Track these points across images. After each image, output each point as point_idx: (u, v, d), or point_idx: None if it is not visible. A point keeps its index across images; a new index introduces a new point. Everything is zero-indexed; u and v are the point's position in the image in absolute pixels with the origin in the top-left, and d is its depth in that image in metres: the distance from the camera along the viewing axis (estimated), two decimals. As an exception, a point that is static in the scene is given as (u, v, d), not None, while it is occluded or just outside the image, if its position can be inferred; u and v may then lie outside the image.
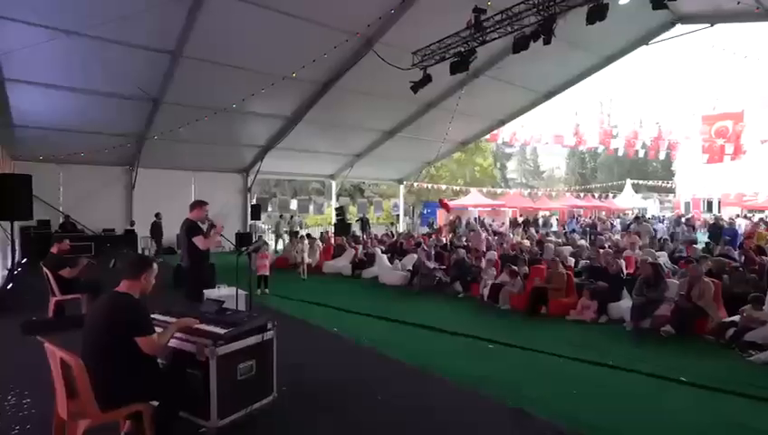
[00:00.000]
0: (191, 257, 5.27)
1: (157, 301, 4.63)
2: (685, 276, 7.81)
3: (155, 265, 2.97)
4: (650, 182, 40.77)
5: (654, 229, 17.17)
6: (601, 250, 10.36)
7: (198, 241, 5.18)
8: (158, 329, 3.04)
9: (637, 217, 13.57)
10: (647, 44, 14.73)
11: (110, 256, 8.87)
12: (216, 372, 2.84)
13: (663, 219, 20.07)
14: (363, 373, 4.84)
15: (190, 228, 5.21)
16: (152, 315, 3.33)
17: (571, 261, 10.46)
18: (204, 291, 6.03)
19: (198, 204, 5.35)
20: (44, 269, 6.19)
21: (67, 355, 2.30)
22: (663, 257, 10.34)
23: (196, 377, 2.90)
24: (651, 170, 54.96)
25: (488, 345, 6.01)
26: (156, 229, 15.62)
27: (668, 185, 39.85)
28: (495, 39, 9.58)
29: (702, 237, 15.66)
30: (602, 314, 7.29)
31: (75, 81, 11.33)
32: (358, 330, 6.73)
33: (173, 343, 2.99)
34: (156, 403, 2.69)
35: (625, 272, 8.60)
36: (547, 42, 8.34)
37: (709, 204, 34.22)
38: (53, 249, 6.38)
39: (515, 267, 8.75)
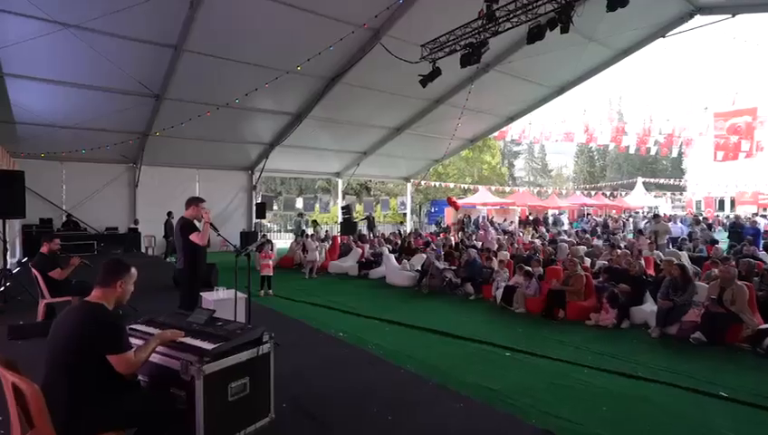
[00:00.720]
0: (187, 258, 4.92)
1: (156, 303, 4.30)
2: (709, 279, 7.40)
3: (133, 271, 2.59)
4: (662, 180, 40.07)
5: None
6: (619, 250, 9.95)
7: (195, 237, 4.82)
8: (138, 342, 2.69)
9: (656, 216, 13.03)
10: (663, 37, 14.20)
11: (107, 255, 8.56)
12: (204, 393, 2.46)
13: (675, 218, 19.53)
14: (369, 384, 4.44)
15: (185, 227, 4.86)
16: (134, 326, 2.98)
17: (587, 262, 10.03)
18: (201, 294, 5.70)
19: (194, 201, 4.99)
20: (33, 271, 5.87)
21: (20, 380, 1.95)
22: (684, 258, 9.88)
23: (180, 398, 2.53)
24: (661, 168, 54.26)
25: (504, 353, 5.60)
26: (168, 228, 15.38)
27: (679, 183, 39.13)
28: (509, 29, 9.14)
29: (717, 237, 15.11)
30: (624, 318, 6.86)
31: (76, 76, 11.08)
32: (365, 335, 6.36)
33: (155, 358, 2.62)
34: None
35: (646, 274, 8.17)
36: (564, 30, 7.92)
37: (720, 202, 33.53)
38: (43, 249, 6.05)
39: (530, 268, 8.35)
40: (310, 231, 17.48)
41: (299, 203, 23.09)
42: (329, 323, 6.98)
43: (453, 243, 13.95)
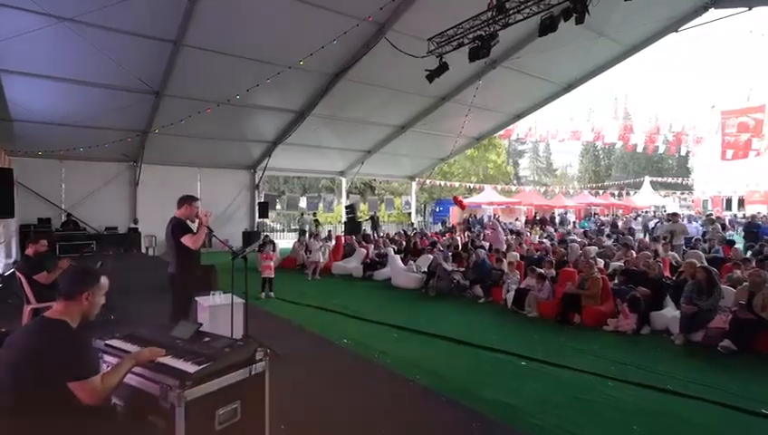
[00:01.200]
0: (179, 261, 4.57)
1: (154, 307, 3.94)
2: (731, 281, 7.02)
3: (103, 281, 2.24)
4: (670, 180, 39.54)
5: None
6: (633, 251, 9.58)
7: (188, 240, 4.46)
8: (112, 359, 2.35)
9: (674, 214, 12.60)
10: (676, 31, 13.78)
11: (98, 257, 8.25)
12: (185, 422, 2.12)
13: (691, 218, 19.10)
14: (377, 400, 4.10)
15: (176, 227, 4.50)
16: (110, 341, 2.62)
17: (599, 263, 9.64)
18: (197, 299, 5.38)
19: (187, 200, 4.63)
20: (18, 274, 5.54)
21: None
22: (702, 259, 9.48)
23: (159, 428, 2.18)
24: (666, 168, 53.71)
25: (520, 362, 5.24)
26: None
27: (685, 182, 38.58)
28: (519, 21, 8.77)
29: (729, 237, 14.62)
30: (644, 324, 6.48)
31: (73, 72, 10.78)
32: (371, 341, 6.00)
33: (133, 380, 2.28)
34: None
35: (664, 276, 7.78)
36: (580, 20, 7.55)
37: (728, 202, 32.97)
38: (29, 251, 5.72)
39: (542, 270, 7.98)
40: (309, 228, 17.16)
41: (302, 202, 22.80)
42: (332, 328, 6.64)
43: (459, 243, 13.60)
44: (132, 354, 2.24)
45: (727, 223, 18.43)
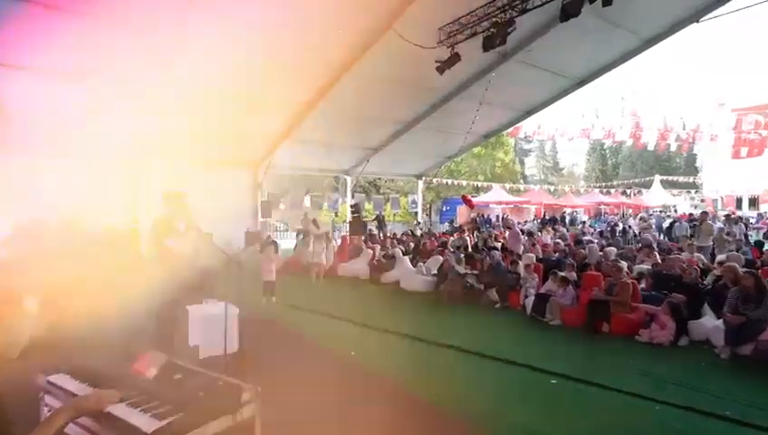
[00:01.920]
0: (164, 266, 4.02)
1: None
2: None
3: (27, 305, 1.58)
4: (681, 179, 38.77)
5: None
6: (656, 252, 8.99)
7: (173, 242, 3.92)
8: (54, 402, 1.78)
9: (704, 213, 12.00)
10: (697, 22, 13.12)
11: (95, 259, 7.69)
12: (145, 494, 1.57)
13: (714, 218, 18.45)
14: (385, 425, 3.53)
15: (163, 227, 3.96)
16: (52, 378, 2.04)
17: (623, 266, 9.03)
18: (188, 308, 4.83)
19: (175, 197, 4.09)
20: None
21: None
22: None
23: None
24: (674, 166, 52.92)
25: (549, 380, 4.65)
26: None
27: (693, 181, 37.83)
28: (537, 6, 8.18)
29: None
30: (682, 334, 5.87)
31: (67, 64, 10.26)
32: (381, 355, 5.44)
33: (74, 432, 1.71)
34: None
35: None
36: (607, 2, 6.95)
37: (738, 201, 32.25)
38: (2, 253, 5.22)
39: (564, 274, 7.39)
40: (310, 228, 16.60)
41: (306, 201, 22.22)
42: (338, 338, 6.06)
43: (467, 244, 13.01)
44: (72, 403, 1.64)
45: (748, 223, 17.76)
